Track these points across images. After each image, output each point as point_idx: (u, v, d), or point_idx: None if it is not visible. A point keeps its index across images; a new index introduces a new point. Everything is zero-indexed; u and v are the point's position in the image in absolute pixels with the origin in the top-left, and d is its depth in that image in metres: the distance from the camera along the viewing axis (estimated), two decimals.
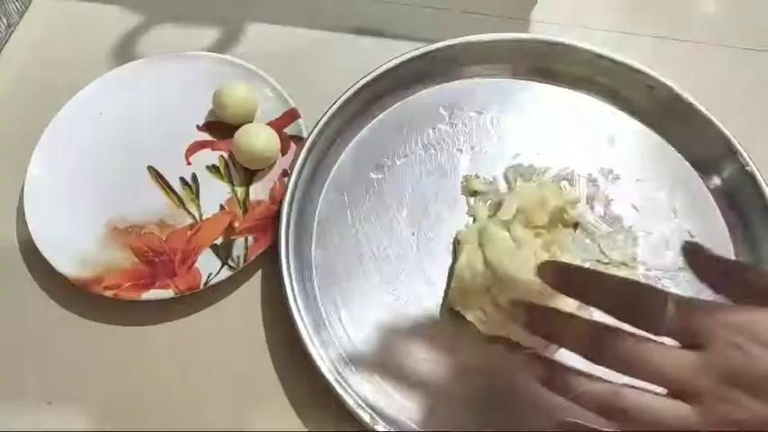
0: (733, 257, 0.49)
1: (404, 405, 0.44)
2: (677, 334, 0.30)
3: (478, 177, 0.52)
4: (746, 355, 0.28)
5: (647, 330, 0.31)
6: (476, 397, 0.44)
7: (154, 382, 0.46)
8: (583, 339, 0.32)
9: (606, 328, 0.32)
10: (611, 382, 0.31)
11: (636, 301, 0.31)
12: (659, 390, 0.30)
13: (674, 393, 0.30)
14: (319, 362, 0.43)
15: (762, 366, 0.28)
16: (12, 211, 0.52)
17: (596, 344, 0.31)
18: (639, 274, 0.48)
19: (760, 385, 0.28)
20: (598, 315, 0.33)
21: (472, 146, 0.53)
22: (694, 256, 0.35)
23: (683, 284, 0.48)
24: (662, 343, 0.30)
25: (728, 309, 0.30)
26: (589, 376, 0.32)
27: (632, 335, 0.31)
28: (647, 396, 0.30)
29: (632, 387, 0.31)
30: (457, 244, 0.49)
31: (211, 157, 0.53)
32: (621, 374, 0.31)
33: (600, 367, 0.32)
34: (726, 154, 0.51)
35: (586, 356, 0.32)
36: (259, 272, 0.49)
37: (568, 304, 0.44)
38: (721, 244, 0.49)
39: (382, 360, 0.45)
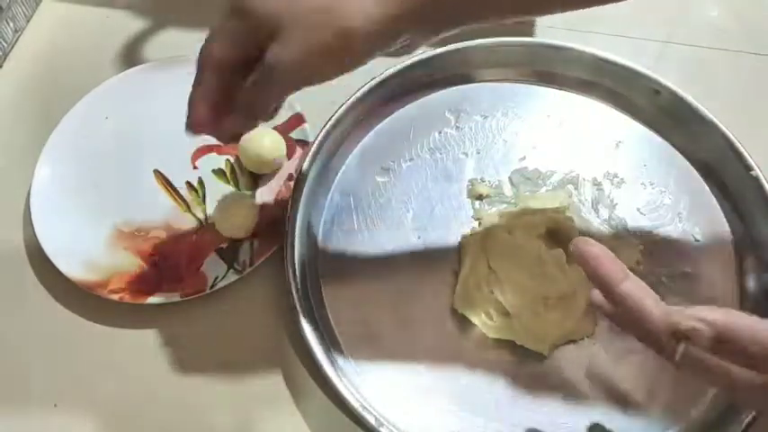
0: (736, 260, 0.49)
1: (409, 407, 0.44)
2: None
3: (484, 181, 0.52)
4: None
5: None
6: (480, 399, 0.44)
7: (159, 385, 0.46)
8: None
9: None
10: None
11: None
12: None
13: None
14: (325, 365, 0.43)
15: None
16: (18, 214, 0.52)
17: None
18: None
19: None
20: None
21: (478, 150, 0.53)
22: None
23: (686, 289, 0.48)
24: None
25: None
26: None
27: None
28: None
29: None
30: (462, 247, 0.49)
31: (217, 161, 0.53)
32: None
33: None
34: (730, 158, 0.51)
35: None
36: (265, 275, 0.49)
37: (579, 306, 0.45)
38: (725, 247, 0.49)
39: (388, 363, 0.45)
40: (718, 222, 0.51)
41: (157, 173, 0.53)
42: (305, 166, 0.50)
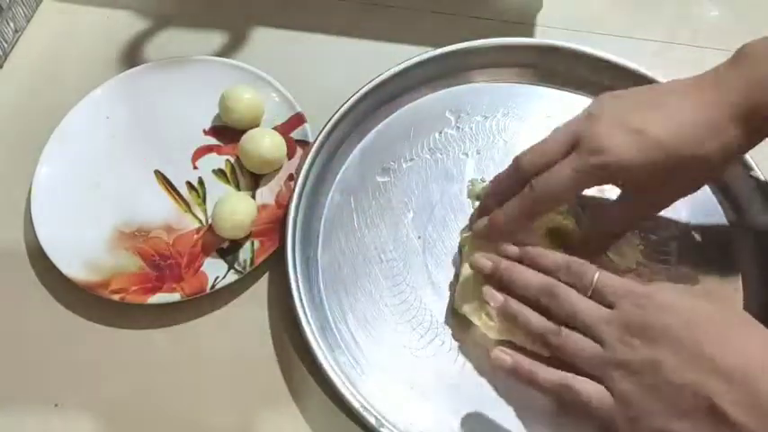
0: (737, 261, 0.49)
1: (409, 408, 0.44)
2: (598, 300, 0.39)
3: (484, 181, 0.52)
4: (644, 311, 0.37)
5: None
6: (481, 400, 0.44)
7: (160, 385, 0.46)
8: (535, 284, 0.41)
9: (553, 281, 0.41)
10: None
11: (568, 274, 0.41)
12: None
13: (585, 334, 0.38)
14: (325, 365, 0.43)
15: (654, 320, 0.36)
16: (19, 214, 0.52)
17: (545, 287, 0.41)
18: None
19: (651, 334, 0.36)
20: None
21: (478, 150, 0.53)
22: None
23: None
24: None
25: (635, 284, 0.39)
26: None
27: (570, 288, 0.40)
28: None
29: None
30: (462, 248, 0.49)
31: (218, 161, 0.53)
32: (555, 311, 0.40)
33: None
34: None
35: (535, 296, 0.41)
36: (265, 276, 0.50)
37: None
38: (725, 248, 0.49)
39: (388, 363, 0.45)
40: (719, 223, 0.51)
41: (157, 173, 0.53)
42: (305, 166, 0.50)
